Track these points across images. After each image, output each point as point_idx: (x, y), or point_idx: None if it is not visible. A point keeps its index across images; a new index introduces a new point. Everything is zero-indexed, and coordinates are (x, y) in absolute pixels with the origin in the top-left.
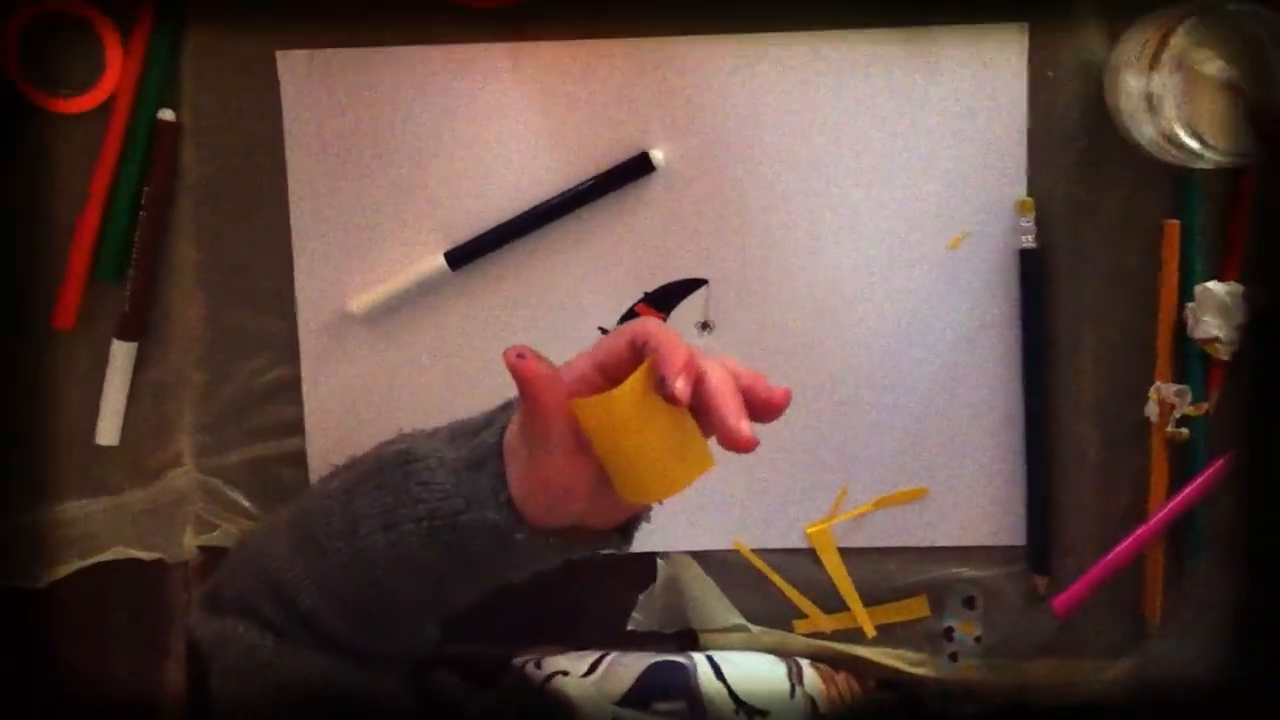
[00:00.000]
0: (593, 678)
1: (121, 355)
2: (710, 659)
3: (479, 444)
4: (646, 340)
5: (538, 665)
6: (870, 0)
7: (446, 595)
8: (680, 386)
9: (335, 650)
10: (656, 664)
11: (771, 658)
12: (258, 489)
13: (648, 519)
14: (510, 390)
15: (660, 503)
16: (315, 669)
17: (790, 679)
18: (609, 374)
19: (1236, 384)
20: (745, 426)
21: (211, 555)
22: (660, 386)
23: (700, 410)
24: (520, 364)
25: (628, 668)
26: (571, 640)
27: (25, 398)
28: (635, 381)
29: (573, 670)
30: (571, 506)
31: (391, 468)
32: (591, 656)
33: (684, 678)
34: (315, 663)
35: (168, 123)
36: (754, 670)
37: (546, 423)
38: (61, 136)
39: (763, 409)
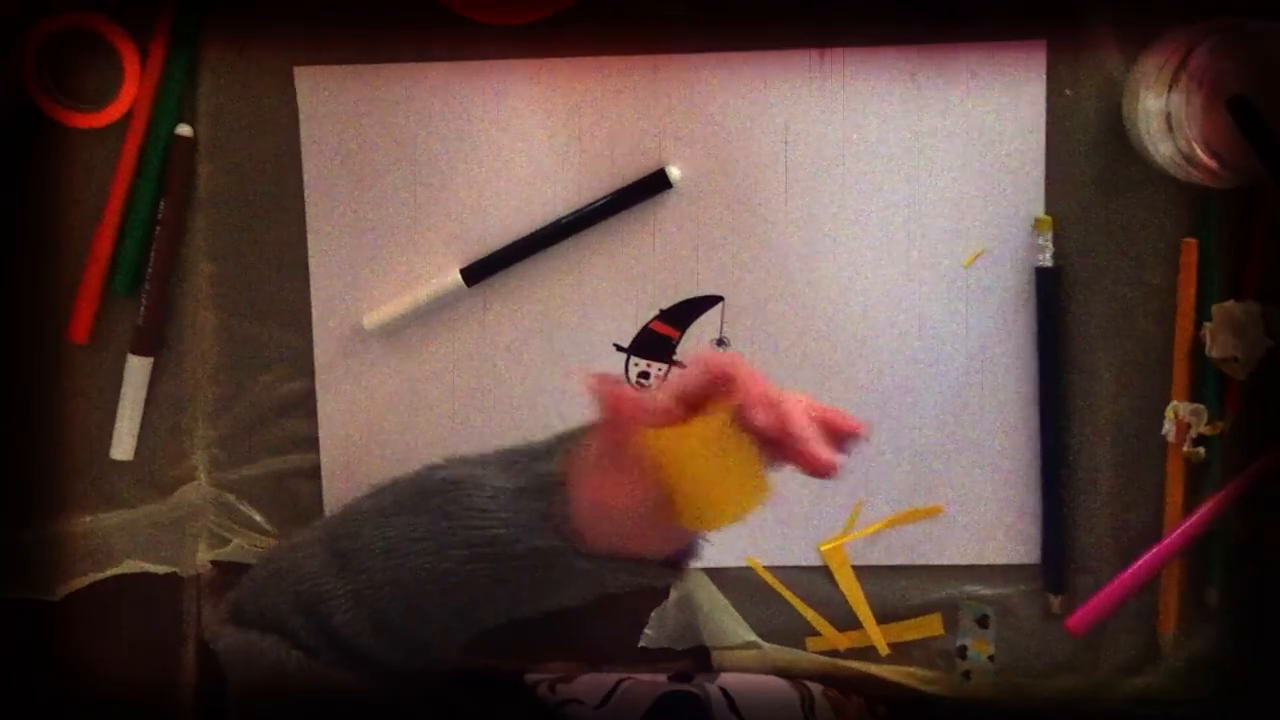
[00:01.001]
0: (606, 707)
1: (136, 370)
2: (724, 691)
3: (537, 472)
4: (724, 372)
5: (552, 689)
6: (889, 18)
7: (483, 617)
8: (761, 416)
9: (362, 667)
10: (669, 694)
11: (785, 686)
12: (271, 504)
13: (699, 554)
14: (526, 409)
15: (717, 529)
16: (340, 686)
17: (803, 709)
18: (688, 404)
19: (1252, 403)
20: (827, 451)
21: (224, 570)
22: (741, 416)
23: (781, 438)
24: (606, 388)
25: (641, 698)
26: (583, 655)
27: (41, 412)
28: (713, 413)
29: (587, 700)
30: (636, 534)
31: (437, 494)
32: (606, 685)
33: (698, 708)
34: (341, 680)
35: (184, 138)
36: (767, 700)
37: (627, 449)
38: (79, 151)
39: (842, 438)
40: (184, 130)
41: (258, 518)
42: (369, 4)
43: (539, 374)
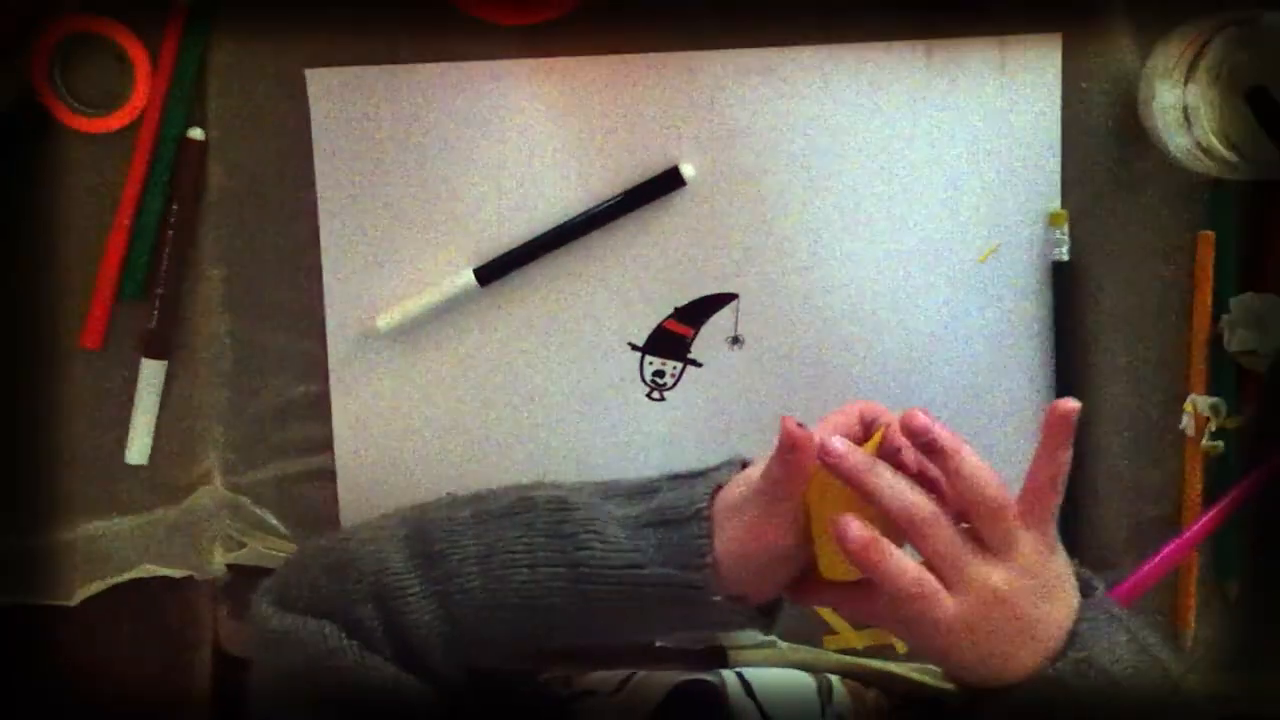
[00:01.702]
0: (620, 696)
1: (150, 374)
2: (740, 676)
3: (674, 504)
4: (876, 416)
5: (566, 682)
6: (903, 12)
7: (557, 638)
8: (911, 456)
9: (419, 667)
10: (686, 682)
11: (802, 675)
12: (286, 507)
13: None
14: (540, 408)
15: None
16: (389, 681)
17: (820, 696)
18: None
19: (1271, 395)
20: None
21: (240, 573)
22: (893, 454)
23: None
24: (798, 432)
25: (656, 687)
26: (600, 656)
27: (54, 418)
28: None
29: (600, 689)
30: (770, 578)
31: (546, 510)
32: (619, 675)
33: (714, 696)
34: (391, 675)
35: (195, 141)
36: (784, 688)
37: (797, 489)
38: (90, 155)
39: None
40: (195, 133)
41: (273, 521)
42: (379, 5)
43: (553, 373)
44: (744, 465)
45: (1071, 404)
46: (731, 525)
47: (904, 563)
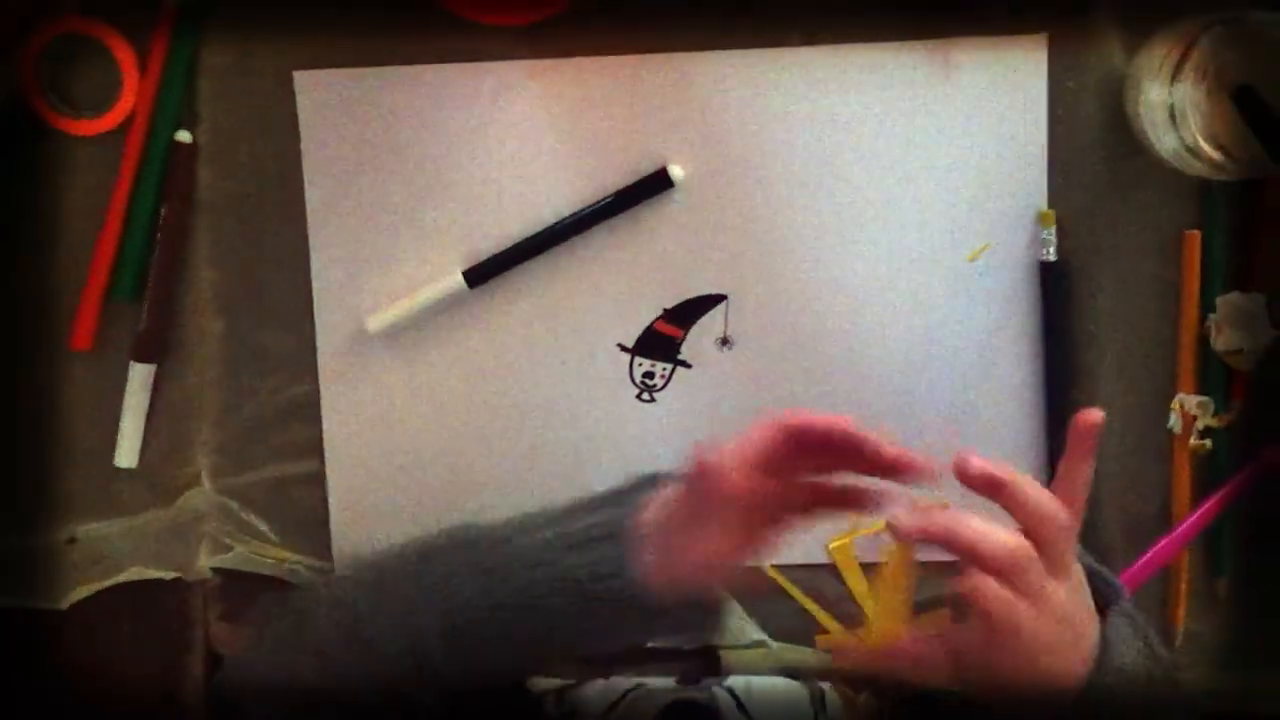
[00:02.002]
0: (612, 716)
1: (139, 377)
2: (732, 692)
3: (607, 521)
4: (804, 426)
5: (559, 698)
6: (889, 13)
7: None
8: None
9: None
10: (678, 702)
11: (795, 685)
12: (274, 510)
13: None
14: (531, 410)
15: None
16: (395, 671)
17: (814, 706)
18: (767, 470)
19: (1258, 394)
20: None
21: (231, 577)
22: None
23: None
24: (707, 461)
25: (648, 707)
26: (591, 658)
27: (44, 420)
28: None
29: (591, 709)
30: (708, 582)
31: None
32: (611, 696)
33: (707, 715)
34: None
35: (184, 144)
36: (778, 701)
37: (714, 509)
38: (78, 158)
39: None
40: (183, 136)
41: (261, 525)
42: (368, 7)
43: (543, 374)
44: (658, 483)
45: (1096, 415)
46: (656, 543)
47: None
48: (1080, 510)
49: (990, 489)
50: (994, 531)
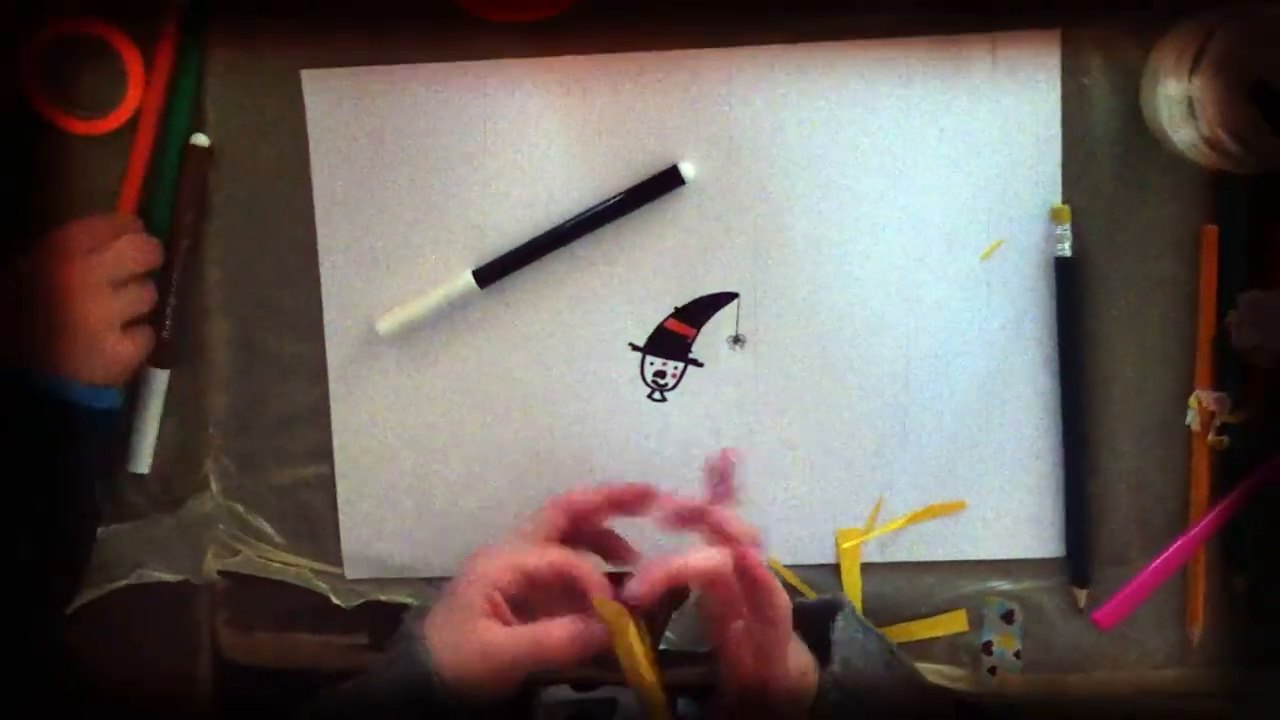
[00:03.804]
0: None
1: (155, 383)
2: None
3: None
4: (578, 508)
5: None
6: (902, 10)
7: None
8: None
9: None
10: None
11: None
12: (282, 514)
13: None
14: (542, 410)
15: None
16: None
17: None
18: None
19: (1276, 389)
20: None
21: (239, 581)
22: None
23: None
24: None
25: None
26: (597, 662)
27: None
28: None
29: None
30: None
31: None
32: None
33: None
34: None
35: (200, 147)
36: None
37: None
38: (83, 158)
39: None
40: (200, 140)
41: (268, 529)
42: (375, 4)
43: (554, 374)
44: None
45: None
46: (443, 636)
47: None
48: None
49: (686, 522)
50: (697, 552)
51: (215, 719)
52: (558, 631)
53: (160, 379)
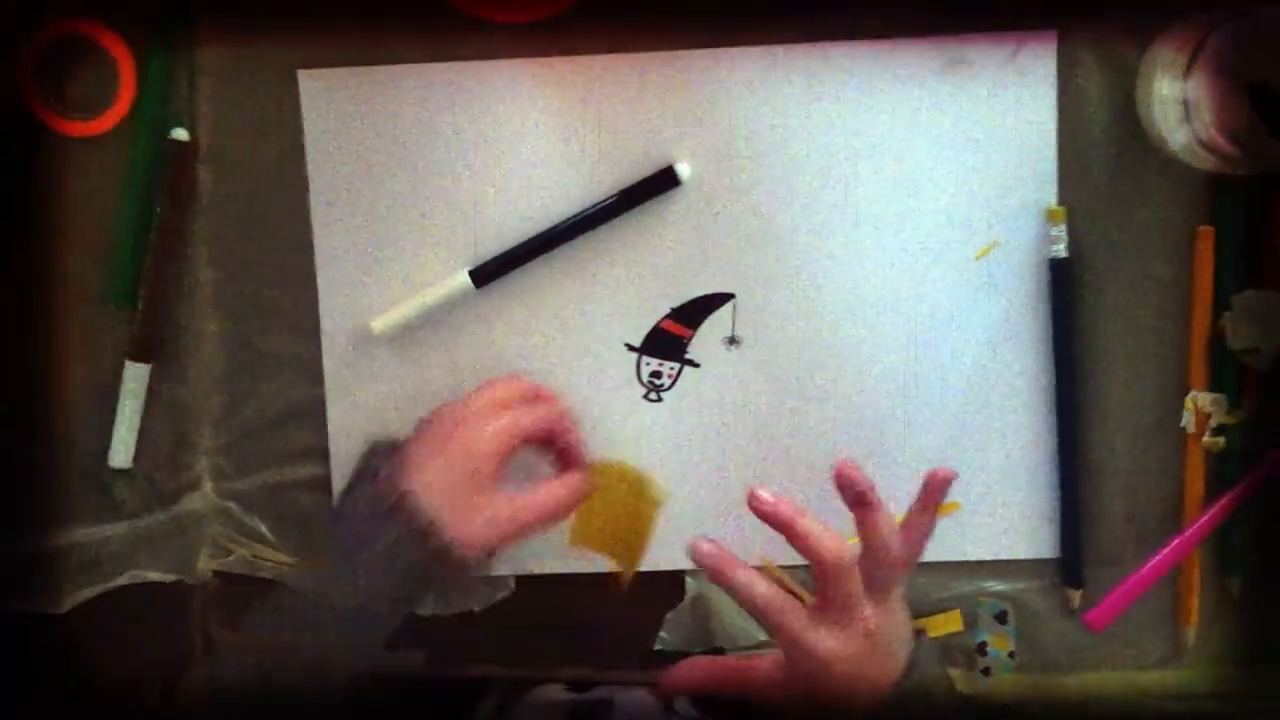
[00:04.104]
0: None
1: (134, 377)
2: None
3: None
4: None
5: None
6: (898, 10)
7: None
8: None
9: None
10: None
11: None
12: (276, 514)
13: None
14: None
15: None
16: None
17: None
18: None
19: (1272, 391)
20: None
21: (230, 581)
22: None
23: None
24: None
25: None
26: (596, 661)
27: (43, 423)
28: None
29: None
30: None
31: None
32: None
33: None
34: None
35: (181, 142)
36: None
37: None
38: (77, 159)
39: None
40: (180, 134)
41: (262, 528)
42: (371, 5)
43: (550, 374)
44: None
45: (949, 473)
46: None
47: (758, 579)
48: (916, 554)
49: (776, 525)
50: (827, 535)
51: (209, 714)
52: (556, 491)
53: (139, 373)
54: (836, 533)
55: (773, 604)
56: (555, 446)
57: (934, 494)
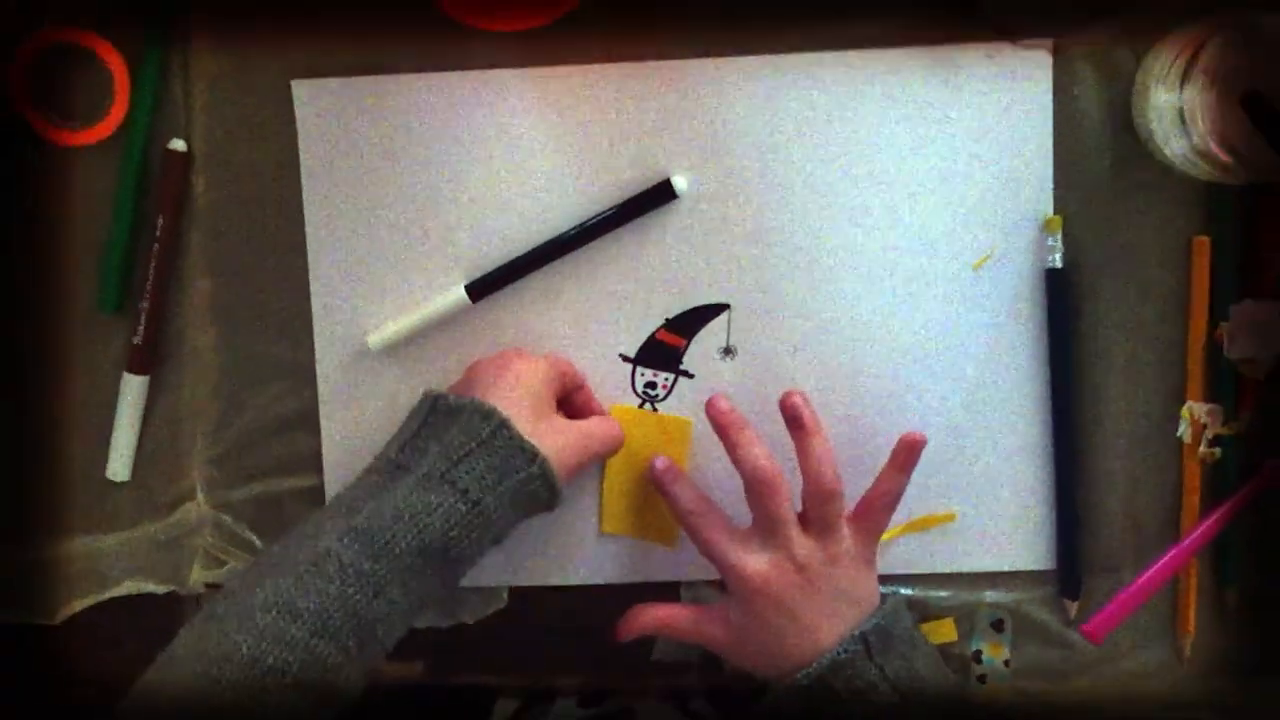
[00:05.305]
0: None
1: (132, 389)
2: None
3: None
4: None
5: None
6: (894, 21)
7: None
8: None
9: None
10: None
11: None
12: (268, 525)
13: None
14: None
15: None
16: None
17: None
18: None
19: (1269, 401)
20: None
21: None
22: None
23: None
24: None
25: None
26: (596, 670)
27: (38, 433)
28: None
29: None
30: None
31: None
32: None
33: None
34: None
35: (177, 153)
36: None
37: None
38: (71, 169)
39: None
40: (177, 145)
41: (255, 540)
42: (366, 15)
43: None
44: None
45: (920, 436)
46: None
47: (689, 489)
48: (883, 515)
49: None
50: (761, 453)
51: None
52: (606, 422)
53: (137, 385)
54: (772, 454)
55: (700, 514)
56: (576, 400)
57: (905, 455)
